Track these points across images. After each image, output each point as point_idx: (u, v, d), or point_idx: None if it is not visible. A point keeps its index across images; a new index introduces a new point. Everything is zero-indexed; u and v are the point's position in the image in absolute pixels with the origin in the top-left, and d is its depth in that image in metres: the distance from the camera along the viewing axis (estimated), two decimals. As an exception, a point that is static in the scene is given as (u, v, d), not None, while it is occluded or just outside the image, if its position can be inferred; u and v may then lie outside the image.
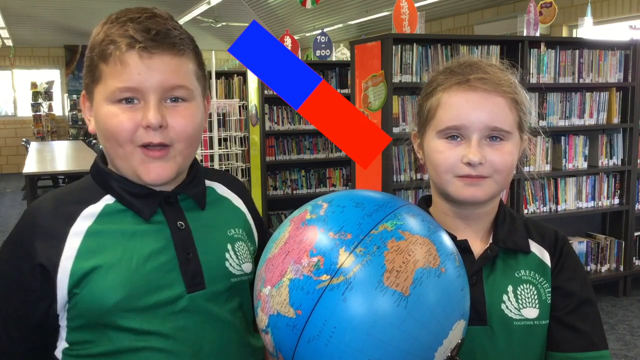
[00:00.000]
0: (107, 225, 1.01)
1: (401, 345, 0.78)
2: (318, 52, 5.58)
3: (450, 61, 1.08)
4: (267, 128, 5.27)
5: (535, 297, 1.03)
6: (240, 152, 5.53)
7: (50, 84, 12.62)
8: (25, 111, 12.90)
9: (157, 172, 0.99)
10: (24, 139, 11.01)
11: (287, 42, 5.40)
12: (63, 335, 1.02)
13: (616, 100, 4.33)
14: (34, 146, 9.27)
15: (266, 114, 5.29)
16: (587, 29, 4.56)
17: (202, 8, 8.10)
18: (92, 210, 1.02)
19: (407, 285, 0.79)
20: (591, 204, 4.39)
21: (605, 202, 4.42)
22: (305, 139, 5.45)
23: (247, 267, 1.10)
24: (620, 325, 3.98)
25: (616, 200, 4.45)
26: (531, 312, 1.02)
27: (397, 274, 0.79)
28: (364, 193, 0.91)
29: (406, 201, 0.92)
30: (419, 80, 3.73)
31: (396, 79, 3.70)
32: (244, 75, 6.00)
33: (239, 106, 5.69)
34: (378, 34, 4.25)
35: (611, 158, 4.39)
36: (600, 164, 4.35)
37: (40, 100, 12.51)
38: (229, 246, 1.09)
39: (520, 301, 1.02)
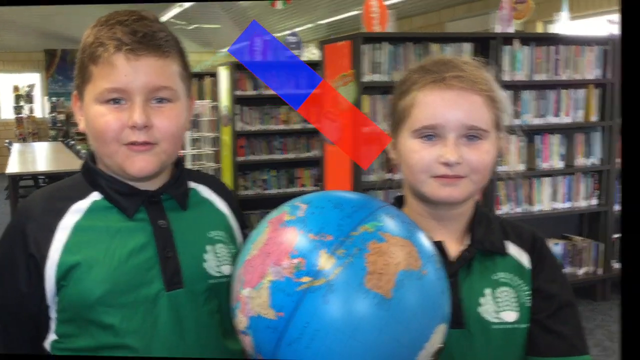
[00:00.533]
0: (94, 221, 1.02)
1: (383, 349, 0.76)
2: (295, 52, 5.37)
3: (424, 59, 1.03)
4: (238, 128, 5.05)
5: (514, 300, 0.98)
6: (212, 152, 5.40)
7: (31, 87, 12.53)
8: (8, 114, 12.74)
9: (140, 165, 0.99)
10: (7, 141, 10.81)
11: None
12: (53, 327, 1.02)
13: (594, 97, 3.96)
14: (16, 147, 9.11)
15: (237, 114, 5.07)
16: (564, 25, 4.23)
17: (176, 11, 8.03)
18: (81, 206, 1.03)
19: (389, 288, 0.76)
20: (568, 204, 3.99)
21: (582, 203, 4.02)
22: (276, 139, 5.23)
23: (227, 269, 1.07)
24: (598, 330, 3.67)
25: (594, 201, 4.05)
26: (510, 316, 0.97)
27: (379, 276, 0.76)
28: (341, 194, 0.88)
29: (383, 202, 0.88)
30: (390, 80, 3.49)
31: (366, 78, 3.49)
32: (215, 76, 5.72)
33: (211, 107, 5.57)
34: (348, 33, 4.04)
35: (589, 157, 4.00)
36: (577, 164, 3.98)
37: (22, 103, 12.39)
38: (209, 247, 1.07)
39: (498, 304, 0.97)
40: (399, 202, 1.07)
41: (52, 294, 0.99)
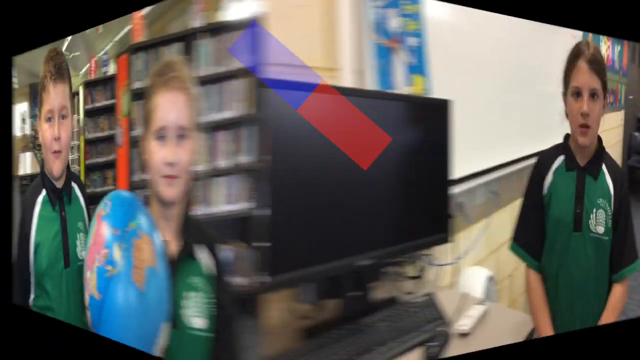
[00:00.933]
0: (44, 211, 1.34)
1: (140, 338, 0.86)
2: (103, 69, 5.60)
3: (159, 62, 1.07)
4: (87, 136, 5.43)
5: (203, 306, 0.99)
6: (77, 157, 5.76)
7: (25, 112, 14.24)
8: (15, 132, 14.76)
9: (56, 168, 1.34)
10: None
11: (92, 64, 5.53)
12: (32, 288, 1.32)
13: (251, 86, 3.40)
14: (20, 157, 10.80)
15: (86, 125, 5.46)
16: (238, 9, 3.76)
17: (65, 44, 8.56)
18: (40, 199, 1.35)
19: (142, 282, 0.87)
20: (234, 206, 3.48)
21: (243, 205, 3.47)
22: (97, 145, 5.46)
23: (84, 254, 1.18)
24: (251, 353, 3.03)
25: (250, 204, 3.46)
26: (200, 322, 0.99)
27: (138, 271, 0.87)
28: (125, 193, 0.99)
29: (141, 201, 0.98)
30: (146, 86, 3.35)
31: (136, 85, 3.49)
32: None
33: (78, 119, 5.94)
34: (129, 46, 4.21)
35: (247, 155, 3.44)
36: (241, 162, 3.40)
37: (21, 124, 14.27)
38: (78, 236, 1.37)
39: (192, 308, 0.99)
40: (146, 202, 1.08)
41: (32, 263, 1.32)
